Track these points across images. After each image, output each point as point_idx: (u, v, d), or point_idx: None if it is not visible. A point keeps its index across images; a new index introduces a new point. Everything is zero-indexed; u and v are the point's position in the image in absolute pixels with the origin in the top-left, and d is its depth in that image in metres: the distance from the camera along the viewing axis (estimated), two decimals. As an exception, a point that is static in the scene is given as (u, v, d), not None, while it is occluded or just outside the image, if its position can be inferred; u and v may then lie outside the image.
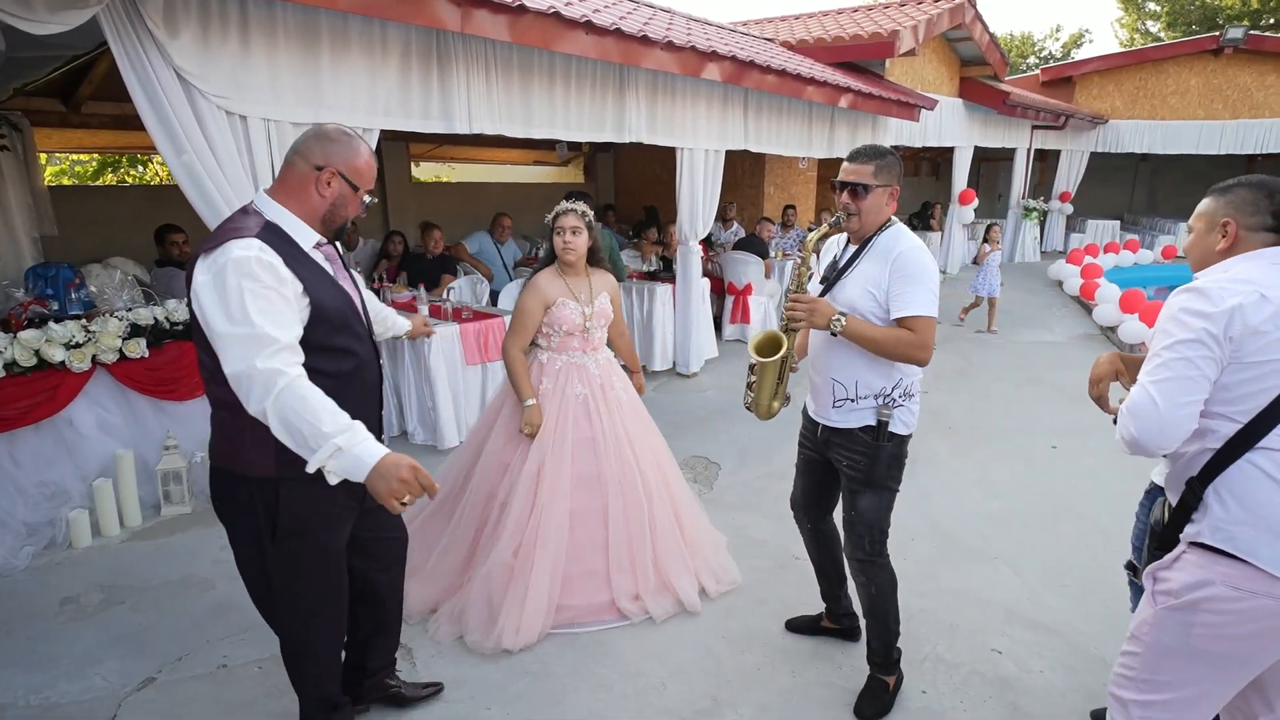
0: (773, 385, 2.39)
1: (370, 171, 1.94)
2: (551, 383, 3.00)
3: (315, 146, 1.85)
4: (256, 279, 1.68)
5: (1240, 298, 1.52)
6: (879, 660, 2.53)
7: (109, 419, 3.83)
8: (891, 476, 2.38)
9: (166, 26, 2.98)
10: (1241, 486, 1.55)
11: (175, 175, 3.17)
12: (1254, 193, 1.67)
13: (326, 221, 1.91)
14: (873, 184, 2.27)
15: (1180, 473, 1.68)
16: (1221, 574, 1.55)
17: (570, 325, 2.96)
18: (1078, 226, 15.98)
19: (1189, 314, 1.56)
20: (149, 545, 3.59)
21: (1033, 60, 28.93)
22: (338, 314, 1.89)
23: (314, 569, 1.99)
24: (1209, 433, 1.59)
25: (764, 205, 10.10)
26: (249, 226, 1.77)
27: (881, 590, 2.46)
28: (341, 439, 1.65)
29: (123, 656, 2.75)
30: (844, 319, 2.21)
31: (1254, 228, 1.65)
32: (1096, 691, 2.61)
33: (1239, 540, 1.53)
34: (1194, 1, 23.78)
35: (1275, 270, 1.58)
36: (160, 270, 5.22)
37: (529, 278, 3.02)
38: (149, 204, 7.32)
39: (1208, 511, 1.59)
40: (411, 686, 2.53)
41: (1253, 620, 1.53)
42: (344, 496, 1.92)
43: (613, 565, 2.98)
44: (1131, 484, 4.23)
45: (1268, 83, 14.50)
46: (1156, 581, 1.68)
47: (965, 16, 10.49)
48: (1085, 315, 9.42)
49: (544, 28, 4.15)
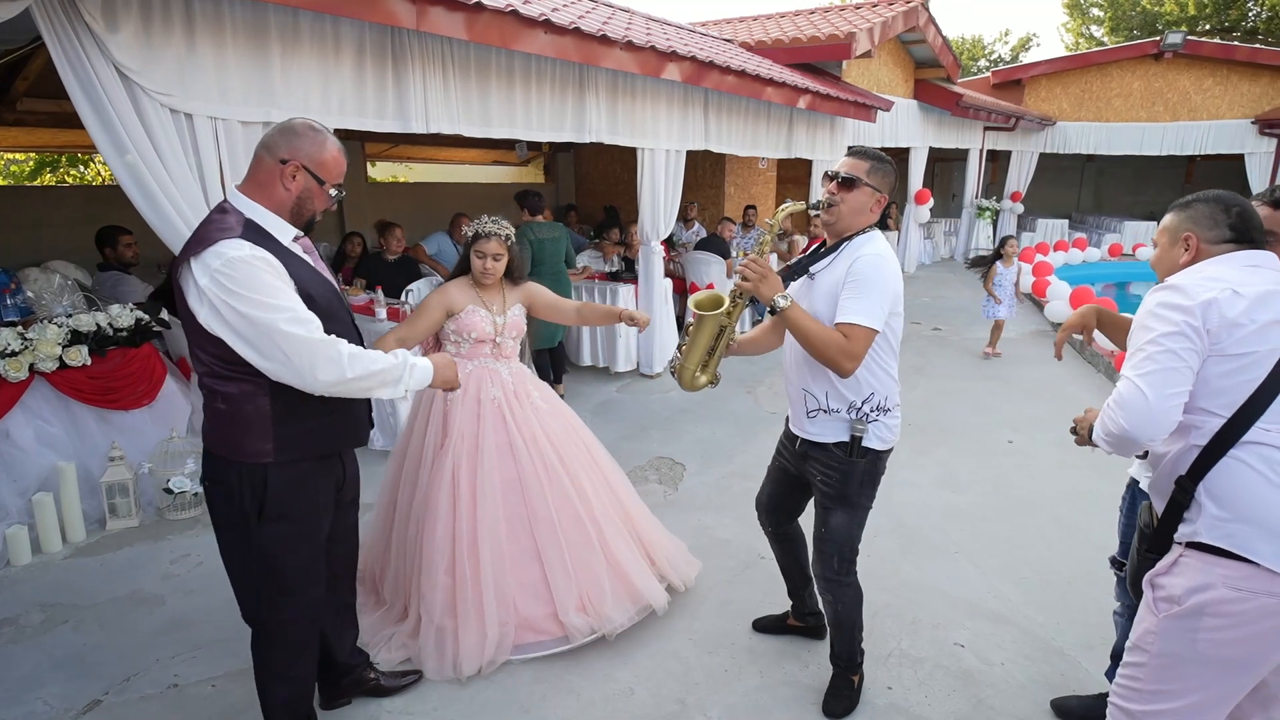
0: (704, 350, 2.30)
1: (337, 165, 1.96)
2: (463, 387, 2.78)
3: (280, 140, 1.88)
4: (262, 272, 1.76)
5: (1214, 292, 1.57)
6: (842, 663, 2.55)
7: (49, 430, 3.67)
8: (865, 494, 2.33)
9: (105, 20, 2.86)
10: (1230, 483, 1.56)
11: (117, 176, 3.05)
12: (1212, 208, 1.73)
13: (294, 215, 1.94)
14: (863, 180, 2.20)
15: (1168, 472, 1.68)
16: (1222, 575, 1.54)
17: (481, 333, 2.83)
18: (1028, 225, 16.42)
19: (1167, 308, 1.60)
20: (93, 561, 3.45)
21: (983, 63, 29.62)
22: (326, 303, 1.94)
23: (296, 550, 2.02)
24: (1193, 429, 1.61)
25: (725, 205, 10.15)
26: (232, 226, 1.81)
27: (847, 606, 2.46)
28: (408, 361, 1.97)
29: (66, 679, 2.63)
30: (788, 300, 2.11)
31: (1214, 240, 1.71)
32: (1055, 681, 2.67)
33: (1236, 538, 1.53)
34: (1135, 7, 24.61)
35: (1246, 271, 1.63)
36: (103, 274, 5.02)
37: (443, 283, 2.88)
38: (90, 205, 7.05)
39: (1201, 509, 1.59)
40: (390, 676, 2.57)
41: (1256, 621, 1.52)
42: (324, 480, 2.06)
43: (551, 572, 2.81)
44: (1085, 475, 4.36)
45: (1205, 87, 15.08)
46: (1156, 589, 1.67)
47: (919, 20, 10.69)
48: (1037, 312, 9.67)
49: (502, 26, 4.09)
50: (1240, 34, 23.30)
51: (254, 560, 1.99)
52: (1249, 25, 23.80)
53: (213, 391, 1.89)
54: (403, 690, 2.56)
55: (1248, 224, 1.71)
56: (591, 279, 7.08)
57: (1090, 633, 2.92)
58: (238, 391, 1.86)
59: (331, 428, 2.03)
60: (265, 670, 2.14)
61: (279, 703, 2.15)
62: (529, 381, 3.02)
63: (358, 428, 2.17)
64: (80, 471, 3.67)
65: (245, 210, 1.87)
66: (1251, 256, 1.67)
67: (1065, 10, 27.21)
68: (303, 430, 1.95)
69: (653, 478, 4.45)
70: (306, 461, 1.99)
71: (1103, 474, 4.37)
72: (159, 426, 4.02)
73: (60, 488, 3.53)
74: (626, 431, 5.21)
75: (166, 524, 3.81)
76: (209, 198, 3.22)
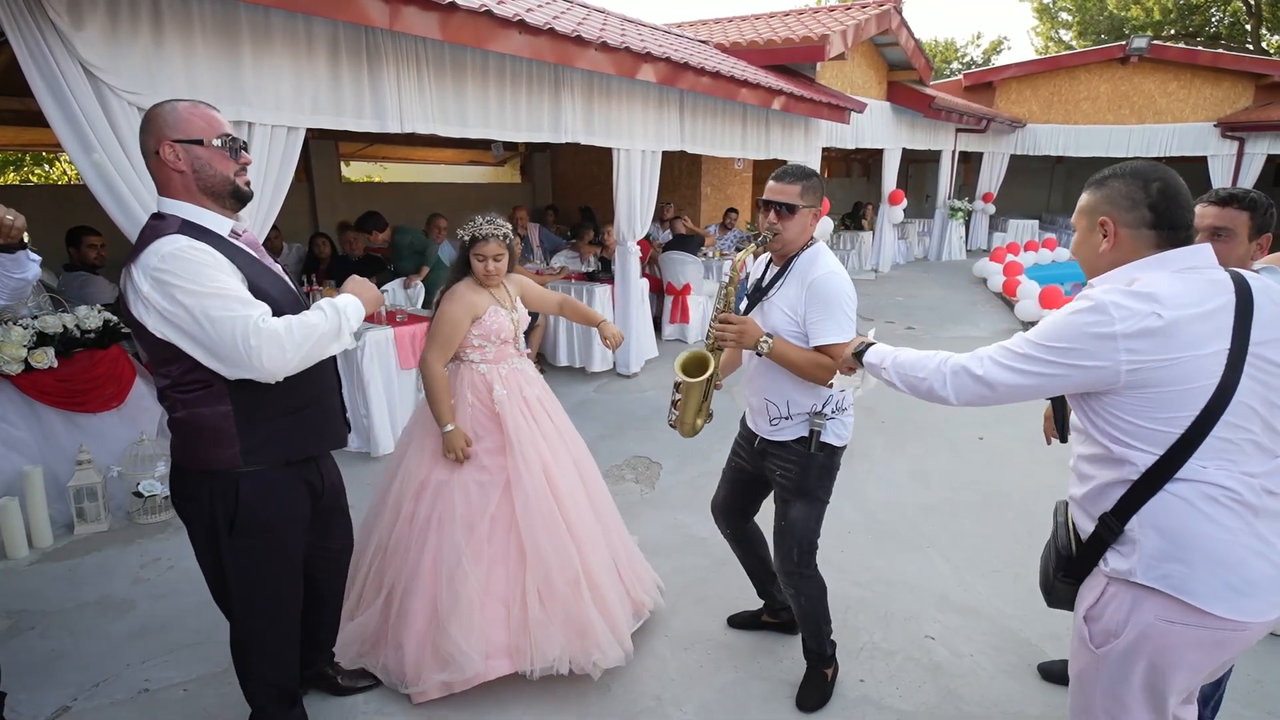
0: (698, 404, 2.41)
1: (200, 118, 1.81)
2: (504, 388, 2.77)
3: (144, 139, 1.81)
4: (199, 262, 1.72)
5: (1142, 320, 1.40)
6: (814, 657, 2.59)
7: (14, 434, 3.60)
8: (822, 487, 2.40)
9: (70, 17, 2.82)
10: (1167, 520, 1.45)
11: (84, 175, 3.00)
12: (1128, 184, 1.51)
13: (211, 192, 1.84)
14: (799, 204, 2.26)
15: (1090, 503, 1.58)
16: (1153, 608, 1.47)
17: (505, 332, 2.81)
18: (1000, 226, 16.68)
19: (1082, 328, 1.45)
20: (61, 567, 3.39)
21: (955, 65, 30.03)
22: (280, 298, 1.89)
23: (271, 566, 2.00)
24: (1124, 463, 1.48)
25: (701, 205, 10.21)
26: (166, 227, 1.78)
27: (811, 599, 2.50)
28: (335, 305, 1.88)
29: (33, 686, 2.59)
30: (771, 340, 2.22)
31: (1133, 224, 1.50)
32: (1022, 671, 2.73)
33: (1172, 579, 1.44)
34: (1102, 12, 25.10)
35: (1179, 280, 1.44)
36: (70, 275, 4.94)
37: (444, 288, 2.80)
38: (56, 205, 6.92)
39: (1136, 547, 1.48)
40: (349, 675, 2.56)
41: (1189, 650, 1.47)
42: (299, 487, 2.01)
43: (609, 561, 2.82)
44: (1052, 471, 4.45)
45: (1169, 90, 15.42)
46: (1090, 622, 1.59)
47: (892, 22, 10.83)
48: (1008, 311, 9.83)
49: (476, 26, 4.09)
50: (1203, 39, 23.87)
51: (227, 575, 1.96)
52: (1211, 30, 24.39)
53: (174, 402, 1.85)
54: (359, 691, 2.55)
55: (1171, 202, 1.48)
56: (568, 279, 7.09)
57: (1055, 623, 2.99)
58: (196, 398, 1.82)
59: (301, 429, 1.99)
60: (245, 666, 2.14)
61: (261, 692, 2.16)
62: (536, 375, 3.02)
63: (332, 428, 2.13)
64: (47, 475, 3.60)
65: (178, 212, 1.82)
66: (1188, 257, 1.48)
67: (1035, 14, 27.69)
68: (270, 432, 1.91)
69: (629, 477, 4.47)
70: (279, 468, 1.95)
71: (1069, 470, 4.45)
72: (128, 429, 3.96)
73: (26, 492, 3.47)
74: (603, 431, 5.23)
75: (136, 528, 3.75)
76: (178, 197, 3.18)
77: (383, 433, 4.65)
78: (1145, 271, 1.48)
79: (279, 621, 2.09)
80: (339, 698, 2.53)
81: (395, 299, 6.10)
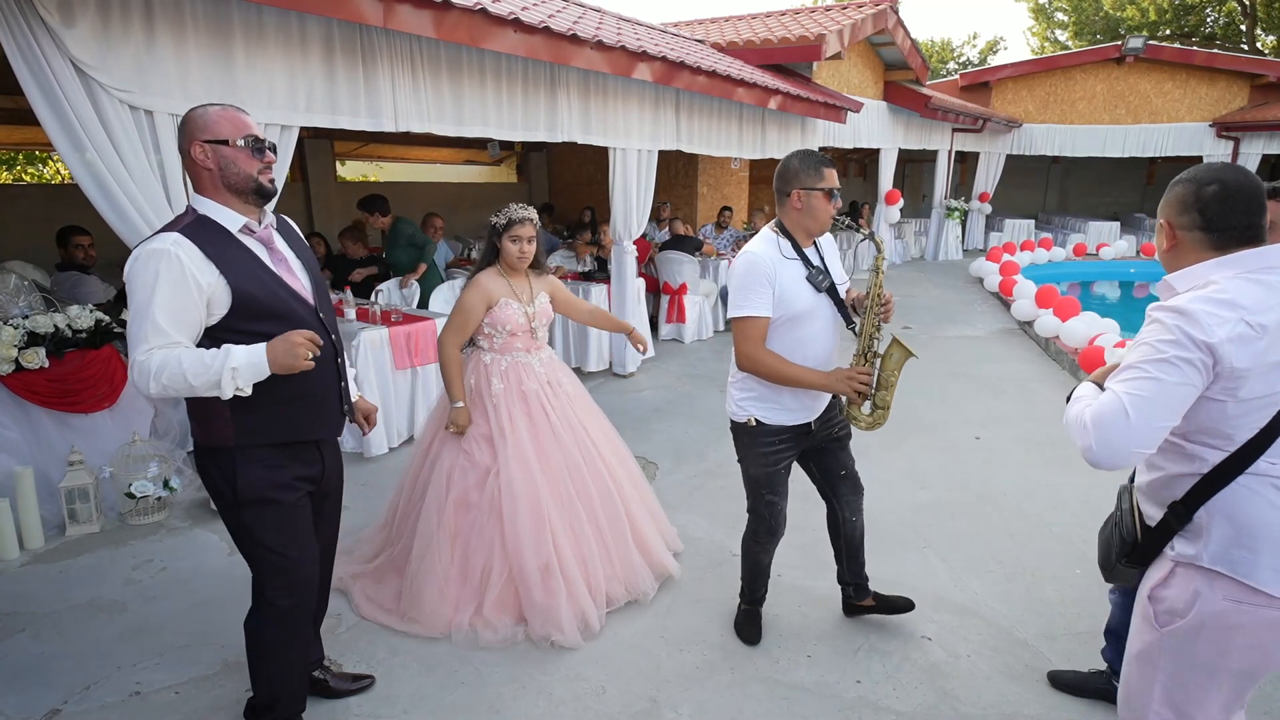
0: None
1: (227, 120, 1.91)
2: (502, 382, 2.99)
3: (180, 139, 1.94)
4: (153, 269, 1.80)
5: (1228, 328, 1.41)
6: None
7: (5, 434, 3.58)
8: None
9: (61, 14, 2.79)
10: (1235, 510, 1.51)
11: (76, 175, 2.98)
12: (1185, 187, 1.56)
13: (236, 191, 1.94)
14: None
15: (1158, 493, 1.63)
16: (1220, 589, 1.53)
17: (514, 325, 2.97)
18: (996, 225, 16.71)
19: (1175, 334, 1.44)
20: (52, 568, 3.36)
21: (952, 65, 30.08)
22: (268, 301, 1.94)
23: (281, 528, 2.06)
24: (1195, 458, 1.55)
25: (698, 205, 10.19)
26: (176, 222, 1.90)
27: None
28: (227, 360, 1.80)
29: (23, 689, 2.57)
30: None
31: (1187, 227, 1.56)
32: (1019, 671, 2.72)
33: (1240, 564, 1.51)
34: (1098, 12, 25.15)
35: (1254, 286, 1.46)
36: (62, 274, 4.91)
37: (470, 276, 3.02)
38: (48, 204, 6.90)
39: (1204, 534, 1.55)
40: (340, 679, 2.56)
41: (1255, 632, 1.52)
42: (297, 468, 2.08)
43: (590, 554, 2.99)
44: (1048, 470, 4.45)
45: (1165, 90, 15.46)
46: (1155, 602, 1.63)
47: (888, 22, 10.83)
48: (1004, 310, 9.84)
49: (471, 25, 4.07)
50: (1199, 39, 23.94)
51: (244, 541, 2.07)
52: (1207, 31, 24.46)
53: None
54: (352, 694, 2.55)
55: (1222, 205, 1.50)
56: (565, 279, 7.07)
57: (1052, 624, 2.98)
58: None
59: (294, 416, 2.04)
60: (258, 650, 2.16)
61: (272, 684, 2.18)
62: (559, 369, 3.18)
63: (327, 417, 2.16)
64: (38, 476, 3.58)
65: (198, 207, 1.93)
66: (1259, 258, 1.49)
67: (1031, 14, 27.75)
68: (262, 417, 1.97)
69: (625, 477, 4.45)
70: (273, 448, 2.02)
71: (1065, 469, 4.46)
72: (120, 429, 3.94)
73: (17, 493, 3.44)
74: (599, 431, 5.21)
75: (129, 529, 3.73)
76: (170, 196, 3.17)
77: (376, 433, 4.62)
78: (1219, 271, 1.51)
79: (298, 584, 2.12)
80: (330, 700, 2.52)
81: (391, 299, 6.08)
